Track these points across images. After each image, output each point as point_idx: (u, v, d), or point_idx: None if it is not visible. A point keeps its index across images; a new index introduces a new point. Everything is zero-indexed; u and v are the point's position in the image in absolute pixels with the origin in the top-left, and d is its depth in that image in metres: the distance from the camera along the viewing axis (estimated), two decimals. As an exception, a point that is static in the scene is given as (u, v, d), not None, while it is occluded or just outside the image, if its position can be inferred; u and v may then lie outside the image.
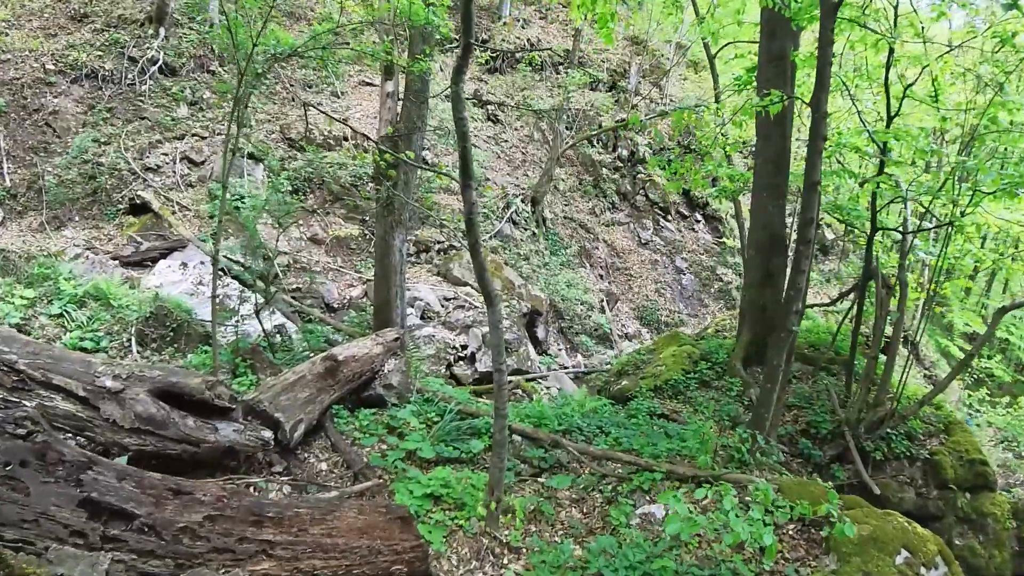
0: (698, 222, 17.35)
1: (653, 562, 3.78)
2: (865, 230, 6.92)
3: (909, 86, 6.61)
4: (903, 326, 7.09)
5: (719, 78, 11.16)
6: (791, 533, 4.18)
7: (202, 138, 11.11)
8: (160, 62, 11.54)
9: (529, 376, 9.54)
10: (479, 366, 8.91)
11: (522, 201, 13.86)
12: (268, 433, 4.48)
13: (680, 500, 3.40)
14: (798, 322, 5.30)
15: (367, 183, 11.57)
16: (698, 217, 17.40)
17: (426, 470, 4.89)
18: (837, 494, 4.19)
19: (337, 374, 5.33)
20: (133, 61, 11.36)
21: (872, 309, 6.89)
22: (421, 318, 9.45)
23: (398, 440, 5.24)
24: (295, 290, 9.44)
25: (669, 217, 16.84)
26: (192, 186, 10.55)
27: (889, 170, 6.65)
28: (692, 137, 13.37)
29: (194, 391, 4.15)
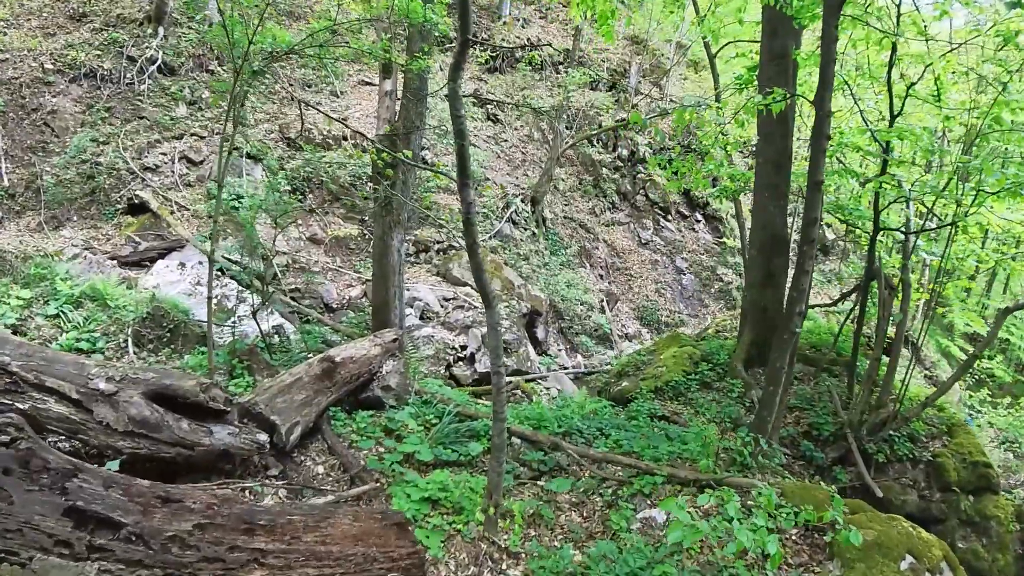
0: (698, 222, 17.28)
1: (654, 568, 3.73)
2: (867, 230, 6.86)
3: (912, 85, 6.56)
4: (905, 327, 7.04)
5: (719, 77, 11.12)
6: (794, 538, 4.12)
7: (201, 138, 11.06)
8: (159, 61, 11.49)
9: (529, 377, 9.49)
10: (478, 367, 8.86)
11: (522, 201, 13.80)
12: (263, 436, 4.43)
13: (683, 507, 3.34)
14: (801, 323, 5.25)
15: (366, 183, 11.52)
16: (698, 217, 17.34)
17: (424, 473, 4.83)
18: (841, 498, 4.14)
19: (334, 376, 5.28)
20: (132, 60, 11.31)
21: (874, 310, 6.84)
22: (420, 318, 9.39)
23: (396, 443, 5.18)
24: (294, 290, 9.39)
25: (669, 217, 16.78)
26: (191, 186, 10.51)
27: (892, 170, 6.60)
28: (693, 136, 13.32)
29: (188, 394, 4.10)
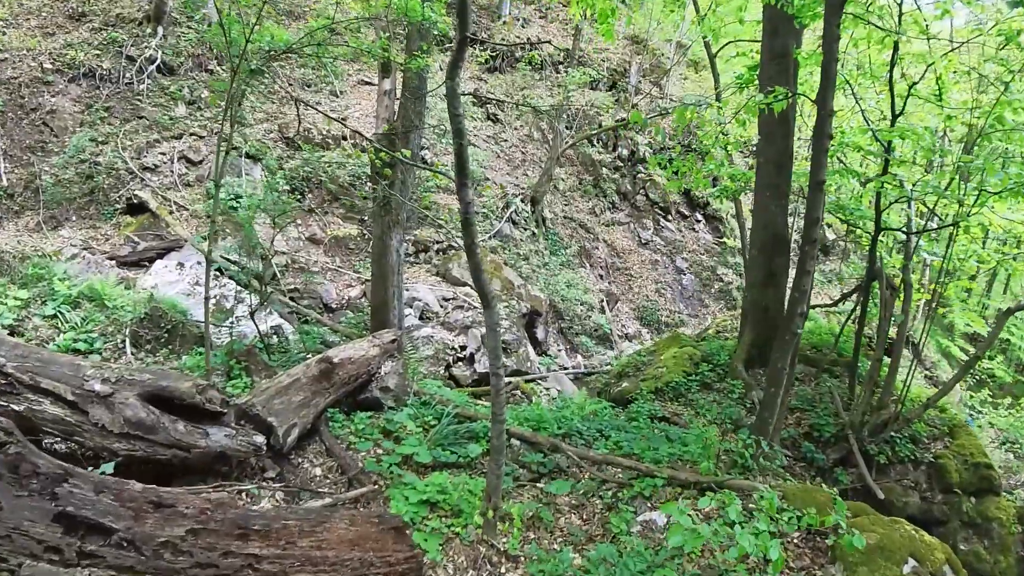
0: (698, 222, 17.24)
1: (655, 572, 3.70)
2: (868, 230, 6.82)
3: (914, 84, 6.52)
4: (907, 327, 7.00)
5: (720, 77, 11.07)
6: (796, 541, 4.09)
7: (200, 137, 11.03)
8: (158, 61, 11.46)
9: (528, 377, 9.45)
10: (478, 367, 8.83)
11: (522, 201, 13.76)
12: (260, 438, 4.39)
13: (683, 511, 3.31)
14: (802, 324, 5.21)
15: (365, 182, 11.48)
16: (698, 217, 17.30)
17: (422, 475, 4.79)
18: (843, 500, 4.10)
19: (332, 377, 5.24)
20: (131, 60, 11.28)
21: (876, 310, 6.80)
22: (420, 318, 9.36)
23: (394, 444, 5.15)
24: (293, 290, 9.35)
25: (669, 217, 16.74)
26: (190, 185, 10.48)
27: (893, 169, 6.56)
28: (693, 136, 13.28)
29: (185, 395, 4.07)
